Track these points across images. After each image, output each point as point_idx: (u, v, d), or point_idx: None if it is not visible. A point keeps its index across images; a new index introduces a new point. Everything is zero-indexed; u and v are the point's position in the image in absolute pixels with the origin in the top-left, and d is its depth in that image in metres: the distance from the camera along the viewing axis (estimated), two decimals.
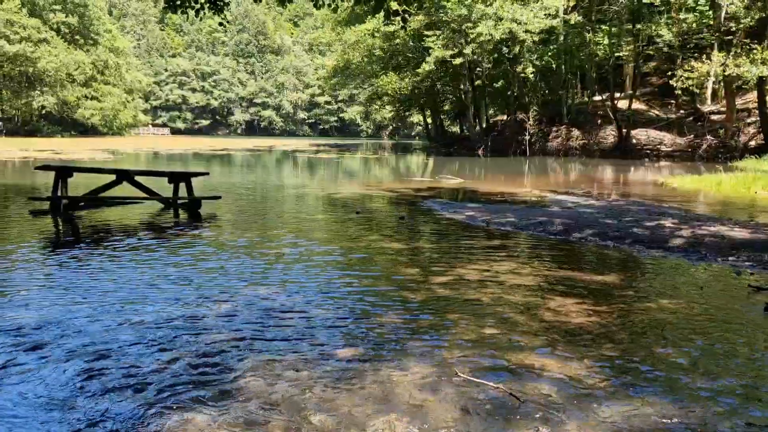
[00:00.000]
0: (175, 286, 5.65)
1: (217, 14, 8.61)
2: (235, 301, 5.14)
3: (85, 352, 3.89)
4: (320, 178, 22.03)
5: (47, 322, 4.46)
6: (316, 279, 6.01)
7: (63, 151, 35.13)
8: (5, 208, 11.84)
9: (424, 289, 5.59)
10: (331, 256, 7.23)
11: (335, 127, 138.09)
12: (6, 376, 3.49)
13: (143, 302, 5.08)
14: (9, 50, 63.71)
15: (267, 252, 7.33)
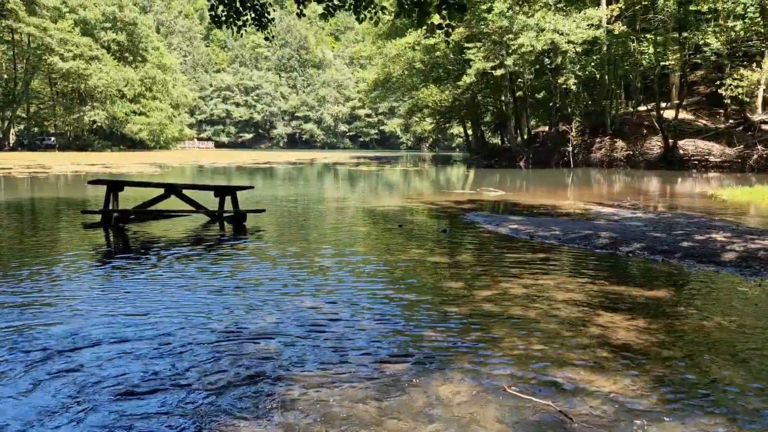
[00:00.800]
0: (221, 296, 5.76)
1: (261, 30, 8.78)
2: (282, 313, 5.21)
3: (140, 354, 4.00)
4: (361, 190, 22.16)
5: (100, 327, 4.60)
6: (361, 292, 6.04)
7: (112, 165, 36.21)
8: (60, 221, 12.26)
9: (468, 303, 5.57)
10: (374, 269, 7.26)
11: (375, 139, 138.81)
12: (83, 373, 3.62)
13: (191, 313, 5.19)
14: (62, 67, 66.16)
15: (311, 264, 7.42)
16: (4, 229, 11.14)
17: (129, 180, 12.88)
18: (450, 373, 3.83)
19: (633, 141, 36.10)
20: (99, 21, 74.46)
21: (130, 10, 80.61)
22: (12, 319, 4.98)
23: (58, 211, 14.04)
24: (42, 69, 70.17)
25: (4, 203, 15.78)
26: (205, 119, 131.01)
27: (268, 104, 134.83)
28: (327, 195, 19.27)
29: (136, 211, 11.05)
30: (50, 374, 3.78)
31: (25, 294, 5.80)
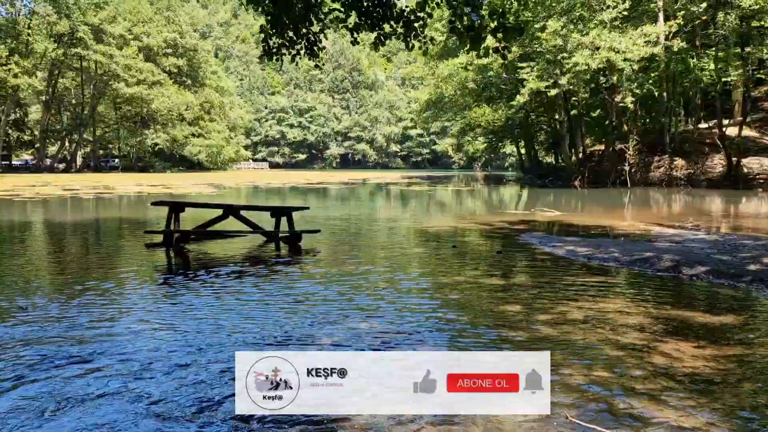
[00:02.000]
0: (277, 315, 5.84)
1: (312, 59, 8.94)
2: (337, 335, 5.24)
3: (194, 370, 4.09)
4: (413, 210, 22.19)
5: (158, 342, 4.73)
6: (415, 313, 6.03)
7: (172, 186, 37.39)
8: (124, 240, 12.73)
9: (526, 327, 5.49)
10: (428, 291, 7.25)
11: (427, 159, 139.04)
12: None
13: (247, 330, 5.28)
14: (127, 92, 69.02)
15: (365, 285, 7.45)
16: (72, 247, 11.63)
17: (189, 201, 13.29)
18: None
19: (694, 159, 35.04)
20: (161, 47, 77.47)
21: (190, 36, 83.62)
22: (75, 333, 5.18)
23: (122, 230, 14.58)
24: (108, 94, 73.33)
25: (72, 223, 16.49)
26: (260, 140, 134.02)
27: (321, 125, 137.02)
28: (379, 215, 19.38)
29: (196, 231, 11.37)
30: (104, 386, 3.90)
31: (90, 309, 6.02)
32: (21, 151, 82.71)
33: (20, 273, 8.47)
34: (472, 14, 5.62)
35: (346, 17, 7.91)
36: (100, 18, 68.66)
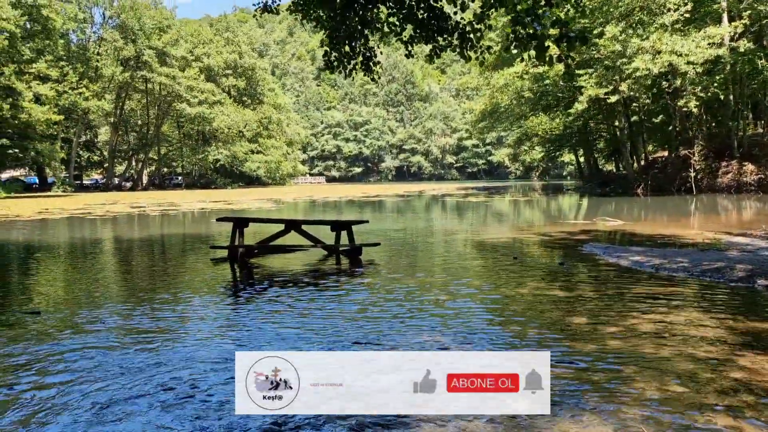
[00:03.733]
0: (339, 327, 5.89)
1: (368, 74, 9.06)
2: (401, 347, 5.25)
3: None
4: (470, 222, 22.04)
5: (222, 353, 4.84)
6: (478, 325, 5.98)
7: (233, 202, 38.34)
8: (191, 255, 13.13)
9: (594, 340, 5.37)
10: (491, 303, 7.18)
11: (483, 169, 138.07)
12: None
13: (312, 342, 5.35)
14: (190, 112, 71.42)
15: (427, 297, 7.44)
16: (143, 262, 12.07)
17: (253, 217, 13.61)
18: (579, 413, 3.69)
19: (765, 164, 33.53)
20: (221, 68, 79.91)
21: (248, 56, 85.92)
22: (144, 343, 5.36)
23: (188, 245, 15.04)
24: (171, 114, 76.08)
25: (141, 239, 17.13)
26: (316, 155, 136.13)
27: (376, 138, 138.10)
28: (437, 227, 19.34)
29: (260, 246, 11.63)
30: (170, 397, 4.02)
31: (159, 321, 6.23)
32: (91, 171, 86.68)
33: (97, 286, 8.84)
34: (534, 23, 5.58)
35: (401, 30, 7.99)
36: (163, 41, 71.49)
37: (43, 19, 54.60)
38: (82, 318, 6.61)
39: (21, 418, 3.83)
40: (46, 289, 8.94)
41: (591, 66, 34.49)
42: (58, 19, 56.25)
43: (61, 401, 4.09)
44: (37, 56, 56.33)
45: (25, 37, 54.09)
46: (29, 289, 8.96)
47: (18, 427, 3.70)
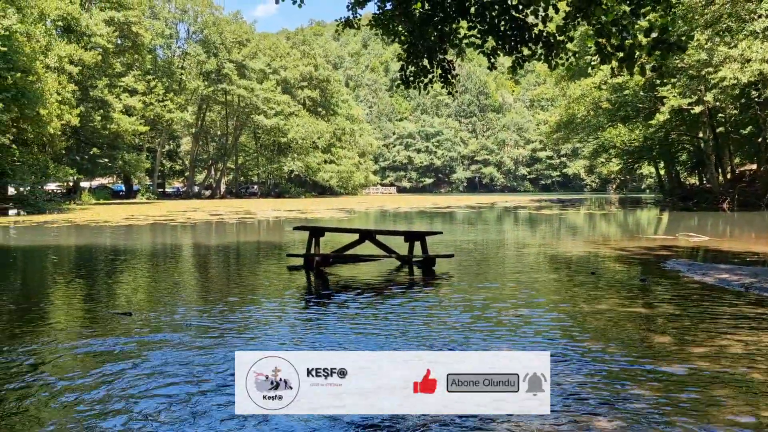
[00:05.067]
0: (415, 339, 5.91)
1: (446, 86, 9.09)
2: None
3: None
4: (544, 234, 21.62)
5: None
6: (555, 341, 5.87)
7: (307, 211, 39.11)
8: (267, 263, 13.50)
9: (680, 360, 5.17)
10: (567, 319, 7.03)
11: (557, 181, 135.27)
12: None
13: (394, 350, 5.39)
14: (266, 124, 73.54)
15: (501, 311, 7.36)
16: (222, 268, 12.51)
17: (328, 227, 13.87)
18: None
19: None
20: (297, 80, 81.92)
21: (324, 68, 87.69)
22: (222, 344, 5.55)
23: (265, 253, 15.46)
24: (249, 125, 78.54)
25: (220, 246, 17.75)
26: (388, 165, 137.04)
27: (448, 149, 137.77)
28: (510, 239, 19.08)
29: (335, 255, 11.83)
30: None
31: (237, 323, 6.44)
32: (173, 179, 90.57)
33: (180, 290, 9.24)
34: (622, 34, 5.46)
35: (482, 43, 8.00)
36: (242, 55, 74.03)
37: (133, 35, 57.66)
38: (166, 319, 6.92)
39: (102, 396, 4.06)
40: (134, 292, 9.41)
41: (674, 75, 33.26)
42: (146, 35, 59.25)
43: (137, 390, 4.30)
44: (127, 70, 59.51)
45: (116, 53, 57.28)
46: (119, 291, 9.46)
47: (97, 403, 3.92)
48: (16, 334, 6.36)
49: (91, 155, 54.82)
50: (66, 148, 47.64)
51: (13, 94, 31.96)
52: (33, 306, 8.32)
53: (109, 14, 54.79)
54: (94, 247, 16.81)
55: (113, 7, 56.17)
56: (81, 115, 45.59)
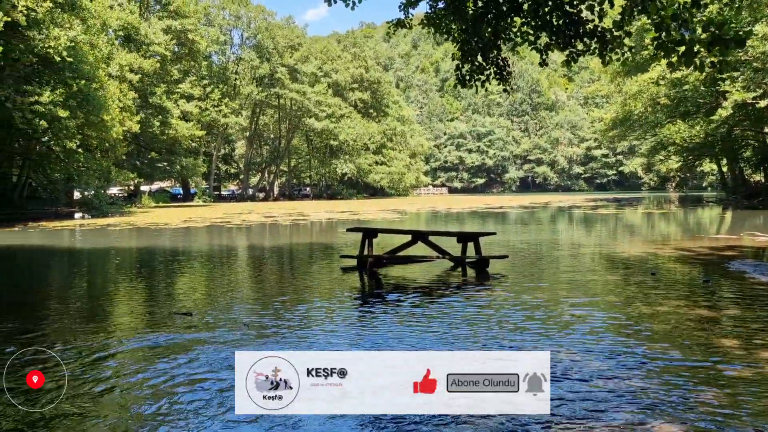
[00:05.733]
0: (468, 340, 5.86)
1: (502, 84, 8.99)
2: None
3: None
4: (601, 235, 21.12)
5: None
6: (615, 345, 5.72)
7: (359, 212, 39.34)
8: (321, 264, 13.64)
9: (749, 365, 4.96)
10: (626, 321, 6.83)
11: (613, 180, 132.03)
12: None
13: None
14: (317, 127, 74.39)
15: (558, 313, 7.23)
16: (277, 269, 12.71)
17: (381, 228, 13.89)
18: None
19: None
20: (348, 82, 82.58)
21: (374, 70, 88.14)
22: (272, 343, 5.62)
23: (319, 254, 15.64)
24: (301, 128, 79.62)
25: (275, 247, 18.04)
26: (439, 166, 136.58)
27: (500, 149, 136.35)
28: (565, 239, 18.73)
29: (388, 256, 11.86)
30: None
31: (291, 322, 6.52)
32: (228, 182, 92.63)
33: (237, 290, 9.44)
34: (681, 29, 5.28)
35: (535, 39, 7.88)
36: (294, 59, 75.10)
37: (189, 43, 59.26)
38: (224, 318, 7.08)
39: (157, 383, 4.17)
40: (193, 292, 9.66)
41: (737, 69, 31.99)
42: (202, 42, 60.79)
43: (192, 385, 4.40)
44: (184, 77, 61.21)
45: (173, 60, 58.96)
46: (179, 291, 9.73)
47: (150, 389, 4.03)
48: (84, 330, 6.63)
49: (150, 160, 56.60)
50: (127, 153, 49.31)
51: (79, 101, 33.31)
52: (98, 305, 8.65)
53: (167, 23, 56.48)
54: (154, 249, 17.34)
55: (170, 16, 57.88)
56: (141, 121, 47.11)
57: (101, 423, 3.97)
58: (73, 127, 32.99)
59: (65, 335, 6.38)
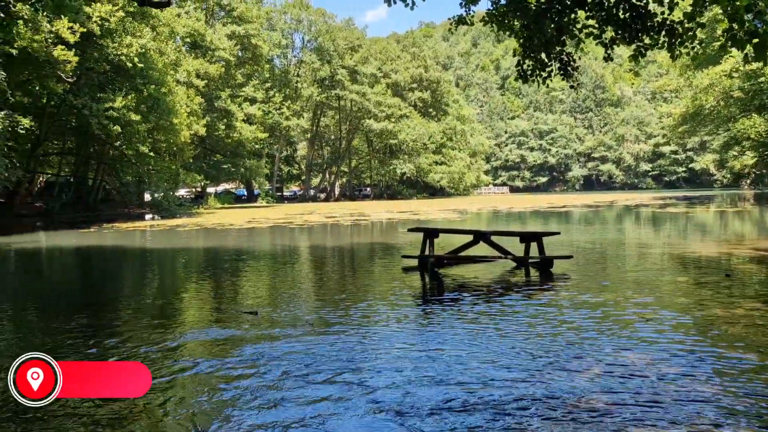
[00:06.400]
0: (534, 343, 5.76)
1: (566, 80, 8.81)
2: (603, 366, 5.01)
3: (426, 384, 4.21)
4: (670, 234, 20.38)
5: (407, 360, 4.97)
6: (687, 349, 5.51)
7: (419, 212, 39.31)
8: (382, 264, 13.70)
9: None
10: (698, 325, 6.56)
11: (683, 178, 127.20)
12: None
13: (502, 357, 5.29)
14: (376, 128, 74.81)
15: (626, 314, 7.01)
16: (337, 268, 12.85)
17: (442, 228, 13.84)
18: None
19: None
20: (407, 83, 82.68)
21: (434, 70, 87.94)
22: (336, 346, 5.68)
23: (380, 254, 15.72)
24: (361, 129, 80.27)
25: (336, 247, 18.25)
26: (500, 165, 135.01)
27: (563, 147, 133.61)
28: (632, 239, 18.16)
29: (449, 256, 11.81)
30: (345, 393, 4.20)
31: (354, 324, 6.57)
32: (290, 183, 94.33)
33: (299, 290, 9.60)
34: (754, 21, 5.04)
35: (600, 33, 7.67)
36: (354, 60, 75.77)
37: (252, 47, 60.74)
38: (288, 317, 7.21)
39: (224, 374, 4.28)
40: (258, 290, 9.88)
41: None
42: (265, 47, 62.18)
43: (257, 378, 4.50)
44: (247, 81, 62.75)
45: (237, 64, 60.54)
46: (245, 290, 9.97)
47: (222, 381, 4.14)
48: (155, 326, 6.90)
49: (215, 162, 58.26)
50: (194, 156, 50.95)
51: (149, 106, 34.70)
52: (168, 302, 8.98)
53: (231, 28, 58.03)
54: (221, 249, 17.84)
55: (234, 22, 59.45)
56: (207, 124, 48.60)
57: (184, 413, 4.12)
58: (144, 131, 34.37)
59: (140, 332, 6.65)
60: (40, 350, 5.91)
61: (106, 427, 3.96)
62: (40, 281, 12.23)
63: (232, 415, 4.10)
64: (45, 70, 29.49)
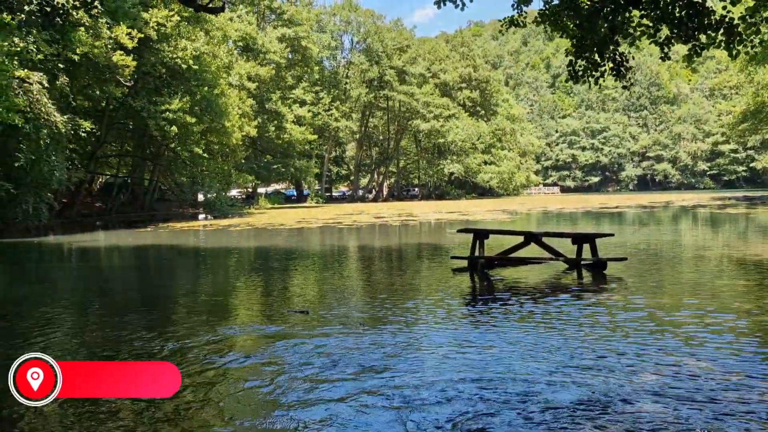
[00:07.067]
0: (586, 346, 5.68)
1: (619, 80, 8.64)
2: (660, 373, 4.91)
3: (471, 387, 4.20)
4: (730, 236, 19.68)
5: (454, 362, 4.97)
6: (744, 354, 5.34)
7: (468, 213, 39.07)
8: (433, 264, 13.71)
9: None
10: (759, 330, 6.35)
11: (743, 177, 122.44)
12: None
13: (552, 359, 5.24)
14: (425, 128, 74.70)
15: (683, 319, 6.83)
16: (386, 268, 12.92)
17: (493, 229, 13.73)
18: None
19: None
20: (456, 82, 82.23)
21: (483, 69, 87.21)
22: (380, 342, 5.72)
23: (429, 255, 15.72)
24: (409, 129, 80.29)
25: (385, 247, 18.34)
26: (550, 165, 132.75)
27: (615, 146, 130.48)
28: (689, 241, 17.64)
29: (500, 258, 11.73)
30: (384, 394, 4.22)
31: (398, 322, 6.60)
32: (339, 184, 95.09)
33: (348, 290, 9.70)
34: None
35: (655, 32, 7.50)
36: (403, 60, 75.83)
37: (302, 50, 61.53)
38: (339, 316, 7.30)
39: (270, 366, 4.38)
40: (308, 290, 10.04)
41: None
42: (314, 48, 62.89)
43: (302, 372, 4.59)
44: (297, 82, 63.59)
45: (287, 66, 61.43)
46: (295, 289, 10.14)
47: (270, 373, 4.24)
48: (207, 322, 7.12)
49: (266, 163, 59.25)
50: (245, 157, 51.95)
51: (203, 108, 35.62)
52: (221, 301, 9.21)
53: (281, 31, 58.92)
54: (272, 249, 18.16)
55: (285, 24, 60.34)
56: (258, 126, 49.49)
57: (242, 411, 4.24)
58: (198, 132, 35.28)
59: (195, 328, 6.85)
60: (90, 345, 6.19)
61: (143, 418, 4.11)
62: (100, 278, 12.72)
63: (283, 410, 4.20)
64: (105, 75, 30.62)
